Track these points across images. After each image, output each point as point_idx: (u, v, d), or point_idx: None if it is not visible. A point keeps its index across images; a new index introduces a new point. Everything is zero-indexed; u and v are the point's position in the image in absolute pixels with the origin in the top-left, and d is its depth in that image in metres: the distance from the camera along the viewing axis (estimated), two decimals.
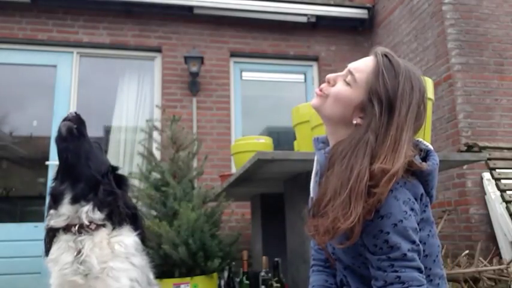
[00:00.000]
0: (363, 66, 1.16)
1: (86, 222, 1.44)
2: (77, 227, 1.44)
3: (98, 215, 1.46)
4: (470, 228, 3.57)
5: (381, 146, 1.06)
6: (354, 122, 1.14)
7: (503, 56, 4.06)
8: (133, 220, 1.57)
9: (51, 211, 1.49)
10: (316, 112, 1.25)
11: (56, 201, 1.48)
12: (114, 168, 1.63)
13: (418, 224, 1.09)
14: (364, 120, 1.12)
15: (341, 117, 1.17)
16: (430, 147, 1.22)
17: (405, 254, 1.02)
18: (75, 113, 1.57)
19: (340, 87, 1.17)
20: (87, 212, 1.45)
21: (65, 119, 1.55)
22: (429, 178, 1.15)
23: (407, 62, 1.19)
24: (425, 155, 1.18)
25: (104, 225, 1.47)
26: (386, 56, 1.14)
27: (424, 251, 1.10)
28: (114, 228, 1.48)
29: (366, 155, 1.05)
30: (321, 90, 1.21)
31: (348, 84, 1.16)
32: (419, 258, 1.05)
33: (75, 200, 1.46)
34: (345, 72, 1.19)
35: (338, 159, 1.09)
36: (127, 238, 1.50)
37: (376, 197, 1.01)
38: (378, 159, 1.04)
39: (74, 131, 1.52)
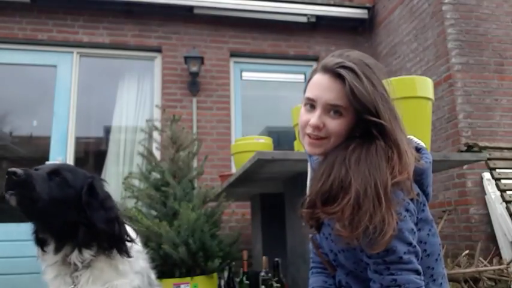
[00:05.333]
0: (334, 92, 1.12)
1: (79, 265, 1.38)
2: (72, 261, 1.38)
3: (87, 254, 1.38)
4: (470, 228, 3.57)
5: (389, 148, 1.08)
6: (357, 134, 1.14)
7: (503, 56, 4.05)
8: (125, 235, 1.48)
9: (39, 252, 1.43)
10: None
11: (41, 245, 1.42)
12: (89, 186, 1.43)
13: (416, 224, 1.08)
14: (364, 129, 1.12)
15: (343, 141, 1.16)
16: (422, 144, 1.22)
17: (401, 257, 1.02)
18: (15, 174, 1.26)
19: (334, 125, 1.13)
20: (76, 256, 1.37)
21: (8, 186, 1.26)
22: (423, 177, 1.15)
23: (340, 55, 1.16)
24: (417, 153, 1.17)
25: (100, 254, 1.41)
26: (344, 67, 1.11)
27: (425, 250, 1.10)
28: (110, 255, 1.42)
29: (381, 160, 1.06)
30: (318, 138, 1.16)
31: (340, 115, 1.13)
32: (419, 259, 1.05)
33: (58, 250, 1.38)
34: (322, 108, 1.14)
35: (353, 164, 1.07)
36: (129, 250, 1.46)
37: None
38: (395, 166, 1.05)
39: (24, 201, 1.28)
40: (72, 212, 1.37)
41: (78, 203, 1.38)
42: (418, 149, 1.19)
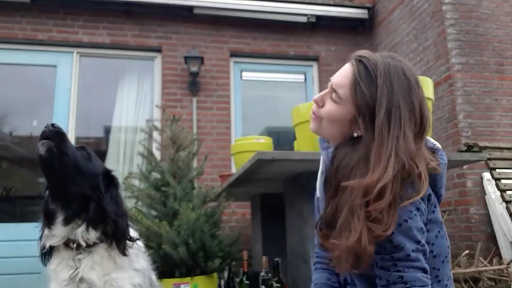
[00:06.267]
0: (343, 79, 1.12)
1: (82, 243, 1.40)
2: (75, 245, 1.41)
3: (93, 234, 1.41)
4: (470, 228, 3.57)
5: (373, 160, 1.03)
6: (355, 134, 1.13)
7: (503, 56, 4.05)
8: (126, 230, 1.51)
9: (46, 231, 1.44)
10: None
11: (49, 221, 1.44)
12: (106, 174, 1.53)
13: (426, 225, 1.08)
14: (362, 133, 1.10)
15: (342, 134, 1.16)
16: (438, 145, 1.20)
17: (409, 255, 1.02)
18: (53, 125, 1.39)
19: (329, 108, 1.15)
20: (82, 232, 1.40)
21: (42, 136, 1.38)
22: (437, 178, 1.14)
23: (389, 55, 1.13)
24: (434, 155, 1.15)
25: (102, 241, 1.44)
26: (361, 61, 1.10)
27: (432, 251, 1.09)
28: (111, 244, 1.44)
29: (360, 174, 1.04)
30: (314, 113, 1.20)
31: (335, 102, 1.13)
32: (426, 259, 1.05)
33: (67, 221, 1.41)
34: (329, 89, 1.16)
35: (346, 179, 1.06)
36: (127, 248, 1.47)
37: (375, 216, 0.99)
38: (369, 175, 1.01)
39: (54, 150, 1.37)
40: (87, 185, 1.43)
41: (94, 180, 1.45)
42: (435, 150, 1.17)
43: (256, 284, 2.82)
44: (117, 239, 1.43)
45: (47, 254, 1.46)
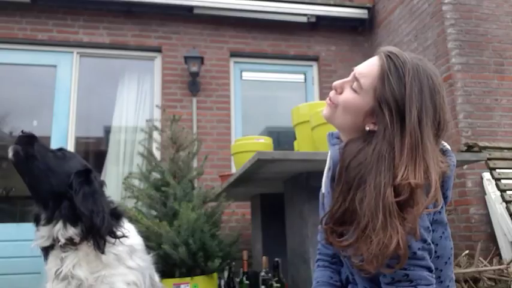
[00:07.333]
0: (368, 70, 1.11)
1: (62, 240, 1.42)
2: (59, 244, 1.43)
3: (72, 231, 1.42)
4: (470, 228, 3.57)
5: (399, 157, 1.01)
6: (367, 128, 1.11)
7: (503, 56, 4.05)
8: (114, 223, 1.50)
9: (35, 233, 1.50)
10: (325, 119, 1.22)
11: (36, 223, 1.49)
12: (82, 172, 1.51)
13: (431, 225, 1.08)
14: (378, 128, 1.08)
15: (353, 126, 1.14)
16: (448, 147, 1.20)
17: (415, 253, 1.01)
18: (22, 132, 1.49)
19: (347, 95, 1.13)
20: (60, 230, 1.42)
21: (15, 141, 1.48)
22: (445, 180, 1.13)
23: (416, 57, 1.12)
24: (444, 156, 1.15)
25: (82, 238, 1.44)
26: (390, 57, 1.09)
27: (435, 252, 1.09)
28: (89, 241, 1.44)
29: (386, 170, 1.01)
30: (330, 99, 1.18)
31: (354, 91, 1.12)
32: (431, 258, 1.04)
33: (48, 221, 1.44)
34: (351, 77, 1.15)
35: (366, 175, 1.03)
36: (112, 247, 1.46)
37: (413, 215, 0.97)
38: (399, 172, 0.99)
39: (20, 154, 1.46)
40: (59, 184, 1.45)
41: (67, 179, 1.47)
42: (444, 152, 1.16)
43: (256, 284, 2.82)
44: (92, 235, 1.43)
45: (44, 253, 1.48)
